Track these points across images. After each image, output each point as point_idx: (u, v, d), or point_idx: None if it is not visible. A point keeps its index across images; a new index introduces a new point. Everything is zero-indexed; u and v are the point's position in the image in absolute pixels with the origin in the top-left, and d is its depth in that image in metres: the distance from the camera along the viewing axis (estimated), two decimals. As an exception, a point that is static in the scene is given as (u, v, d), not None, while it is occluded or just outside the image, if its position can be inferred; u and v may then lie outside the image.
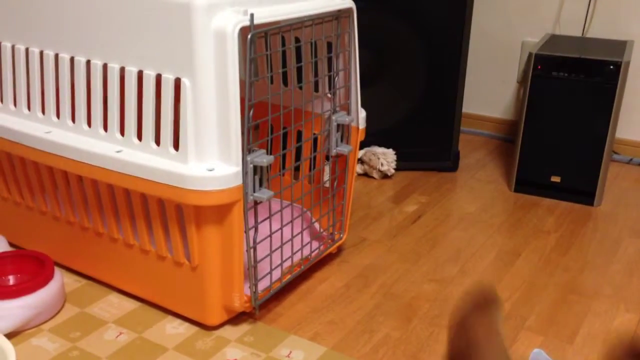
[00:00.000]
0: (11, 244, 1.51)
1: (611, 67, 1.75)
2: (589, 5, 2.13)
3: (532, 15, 2.24)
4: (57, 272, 1.33)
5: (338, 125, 1.44)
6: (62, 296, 1.34)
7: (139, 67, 1.17)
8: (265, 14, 1.15)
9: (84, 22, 1.23)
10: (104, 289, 1.41)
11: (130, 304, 1.36)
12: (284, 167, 1.68)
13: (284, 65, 1.58)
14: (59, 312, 1.33)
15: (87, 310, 1.34)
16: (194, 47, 1.08)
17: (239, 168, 1.14)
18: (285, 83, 1.65)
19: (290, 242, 1.41)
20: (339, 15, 1.37)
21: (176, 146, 1.16)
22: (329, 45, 1.46)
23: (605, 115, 1.78)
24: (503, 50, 2.32)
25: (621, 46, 1.92)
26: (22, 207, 1.48)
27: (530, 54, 1.84)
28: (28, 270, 1.35)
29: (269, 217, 1.34)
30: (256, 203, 1.21)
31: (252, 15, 1.10)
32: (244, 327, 1.30)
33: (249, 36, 1.10)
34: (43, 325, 1.29)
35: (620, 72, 1.74)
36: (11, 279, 1.37)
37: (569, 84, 1.80)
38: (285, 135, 1.66)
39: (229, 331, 1.29)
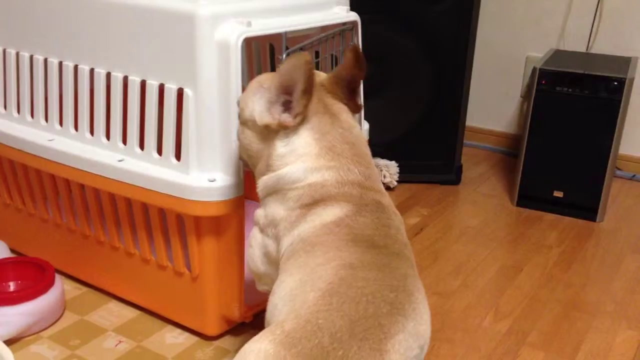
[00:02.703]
0: (12, 251, 1.51)
1: (615, 83, 1.75)
2: (593, 21, 2.13)
3: (536, 30, 2.24)
4: (58, 279, 1.33)
5: (341, 137, 1.44)
6: (62, 303, 1.34)
7: (142, 77, 1.18)
8: (270, 26, 1.16)
9: (88, 31, 1.24)
10: (104, 297, 1.40)
11: (130, 313, 1.36)
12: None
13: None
14: (58, 319, 1.32)
15: (87, 318, 1.33)
16: (197, 57, 1.09)
17: (240, 179, 1.14)
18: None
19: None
20: (343, 28, 1.38)
21: (178, 156, 1.16)
22: (333, 57, 1.47)
23: (609, 131, 1.78)
24: (507, 64, 2.32)
25: (625, 62, 1.92)
26: (24, 214, 1.48)
27: (534, 69, 1.84)
28: (29, 277, 1.35)
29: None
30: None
31: (284, 34, 1.11)
32: (245, 338, 1.29)
33: (283, 55, 1.10)
34: (43, 332, 1.29)
35: (624, 88, 1.74)
36: (12, 286, 1.37)
37: (572, 99, 1.80)
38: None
39: (229, 341, 1.28)
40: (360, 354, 0.69)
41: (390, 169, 1.99)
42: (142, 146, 1.21)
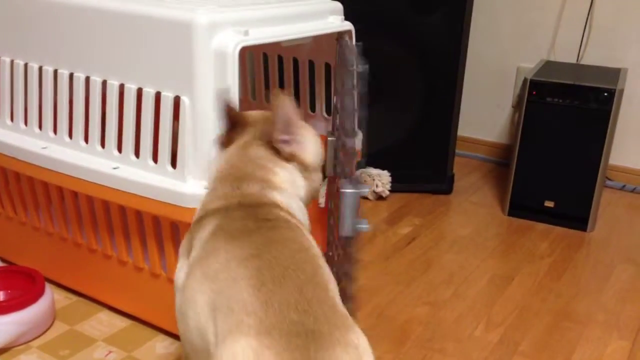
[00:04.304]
0: (2, 259, 1.50)
1: (605, 94, 1.77)
2: (583, 32, 2.15)
3: (527, 41, 2.26)
4: (48, 288, 1.32)
5: (335, 146, 1.44)
6: (52, 313, 1.32)
7: (138, 85, 1.17)
8: (267, 34, 1.16)
9: (84, 39, 1.23)
10: (95, 306, 1.39)
11: (120, 322, 1.34)
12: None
13: (282, 85, 1.59)
14: (48, 329, 1.31)
15: (77, 328, 1.32)
16: (194, 65, 1.09)
17: (236, 187, 1.13)
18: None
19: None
20: (338, 37, 1.39)
21: (174, 164, 1.16)
22: (327, 66, 1.47)
23: (599, 142, 1.79)
24: (498, 75, 2.34)
25: (615, 73, 1.94)
26: (15, 222, 1.47)
27: (525, 80, 1.85)
28: (18, 286, 1.34)
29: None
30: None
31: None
32: (236, 348, 1.29)
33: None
34: (32, 342, 1.27)
35: (614, 99, 1.76)
36: (1, 295, 1.35)
37: (563, 109, 1.82)
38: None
39: (221, 351, 1.28)
40: (324, 314, 0.73)
41: (382, 178, 2.00)
42: (137, 154, 1.20)
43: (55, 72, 1.29)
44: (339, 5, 1.39)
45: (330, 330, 0.72)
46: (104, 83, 1.22)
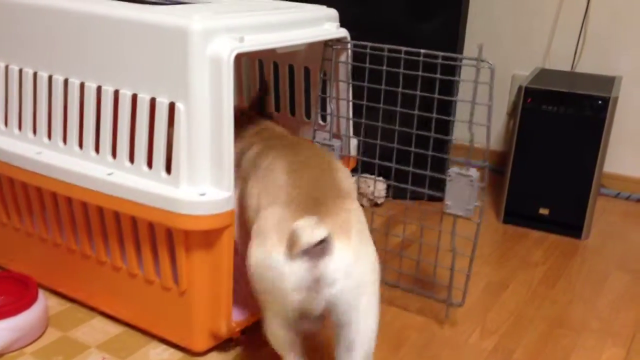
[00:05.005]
0: (-5, 265, 1.49)
1: (600, 102, 1.77)
2: (578, 40, 2.16)
3: (522, 48, 2.27)
4: (41, 294, 1.31)
5: (330, 152, 1.44)
6: (45, 319, 1.32)
7: (133, 91, 1.17)
8: (262, 41, 1.16)
9: (79, 44, 1.23)
10: (88, 313, 1.39)
11: (114, 329, 1.34)
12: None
13: (277, 91, 1.59)
14: (41, 335, 1.30)
15: (70, 334, 1.32)
16: (189, 72, 1.09)
17: (231, 193, 1.13)
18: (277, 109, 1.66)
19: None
20: (333, 44, 1.39)
21: (168, 170, 1.16)
22: (323, 73, 1.47)
23: (594, 149, 1.80)
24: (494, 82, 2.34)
25: (610, 81, 1.95)
26: (9, 228, 1.46)
27: (520, 87, 1.86)
28: (11, 292, 1.33)
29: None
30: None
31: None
32: (231, 354, 1.28)
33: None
34: (25, 348, 1.27)
35: (609, 107, 1.77)
36: (-6, 301, 1.35)
37: (558, 117, 1.83)
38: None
39: (215, 358, 1.27)
40: (329, 191, 1.08)
41: (377, 185, 2.00)
42: (132, 160, 1.20)
43: (50, 77, 1.29)
44: (335, 12, 1.40)
45: (333, 200, 1.05)
46: (99, 89, 1.22)
